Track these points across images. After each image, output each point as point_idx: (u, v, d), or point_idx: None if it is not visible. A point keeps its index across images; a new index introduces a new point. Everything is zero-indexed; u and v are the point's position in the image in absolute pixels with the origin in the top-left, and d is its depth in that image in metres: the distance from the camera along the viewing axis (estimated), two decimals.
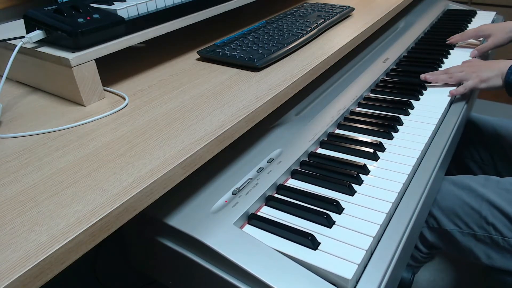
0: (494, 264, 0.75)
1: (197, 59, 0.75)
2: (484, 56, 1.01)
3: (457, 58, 1.00)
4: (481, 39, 1.06)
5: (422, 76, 0.87)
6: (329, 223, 0.52)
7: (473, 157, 0.98)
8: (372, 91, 0.87)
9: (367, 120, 0.74)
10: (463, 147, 1.00)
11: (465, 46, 1.08)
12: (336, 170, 0.61)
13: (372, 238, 0.49)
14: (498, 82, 0.78)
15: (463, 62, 0.91)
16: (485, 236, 0.73)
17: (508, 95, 0.78)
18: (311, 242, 0.48)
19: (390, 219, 0.54)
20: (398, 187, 0.58)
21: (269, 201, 0.56)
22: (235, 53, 0.70)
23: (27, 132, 0.52)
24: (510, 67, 0.77)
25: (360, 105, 0.81)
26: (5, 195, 0.41)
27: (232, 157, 0.62)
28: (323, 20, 0.87)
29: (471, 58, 0.97)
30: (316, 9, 0.96)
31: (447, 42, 1.06)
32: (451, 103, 0.82)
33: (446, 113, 0.79)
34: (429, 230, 0.81)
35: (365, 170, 0.61)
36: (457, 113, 0.79)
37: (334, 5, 0.98)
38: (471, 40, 1.07)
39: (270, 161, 0.62)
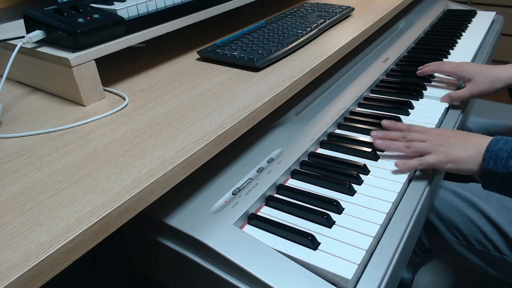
0: (490, 274, 0.75)
1: (197, 59, 0.75)
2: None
3: (457, 58, 1.00)
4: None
5: (373, 134, 0.68)
6: (329, 223, 0.52)
7: None
8: (372, 91, 0.87)
9: (367, 120, 0.74)
10: None
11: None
12: (336, 170, 0.61)
13: (372, 238, 0.49)
14: (472, 166, 0.58)
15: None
16: (483, 251, 0.73)
17: (483, 187, 0.60)
18: (311, 242, 0.48)
19: (390, 219, 0.54)
20: (398, 187, 0.58)
21: (269, 201, 0.56)
22: (235, 53, 0.70)
23: (27, 132, 0.52)
24: (488, 149, 0.57)
25: (360, 105, 0.81)
26: (5, 195, 0.41)
27: (232, 157, 0.62)
28: (323, 20, 0.87)
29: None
30: (316, 9, 0.96)
31: (418, 72, 0.87)
32: (451, 104, 0.82)
33: (446, 113, 0.79)
34: (427, 237, 0.81)
35: (365, 170, 0.61)
36: (457, 113, 0.79)
37: (334, 5, 0.98)
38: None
39: (270, 161, 0.62)
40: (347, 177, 0.60)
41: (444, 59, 0.99)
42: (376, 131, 0.68)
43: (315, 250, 0.48)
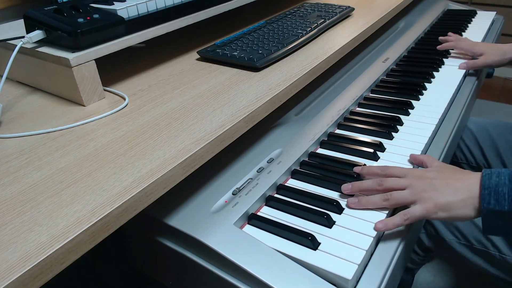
0: (488, 273, 0.75)
1: (197, 59, 0.75)
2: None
3: (458, 58, 1.00)
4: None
5: (343, 187, 0.57)
6: (329, 223, 0.52)
7: (468, 162, 0.97)
8: (372, 91, 0.87)
9: (367, 120, 0.74)
10: (459, 151, 0.99)
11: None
12: (336, 170, 0.61)
13: (372, 238, 0.49)
14: (467, 211, 0.50)
15: (411, 156, 0.62)
16: (483, 250, 0.73)
17: (484, 232, 0.50)
18: (311, 242, 0.48)
19: None
20: None
21: (269, 201, 0.56)
22: (235, 53, 0.70)
23: (27, 132, 0.52)
24: (483, 186, 0.49)
25: (360, 105, 0.81)
26: (5, 195, 0.41)
27: (232, 157, 0.62)
28: (323, 20, 0.87)
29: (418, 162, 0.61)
30: (316, 9, 0.96)
31: (439, 47, 1.01)
32: (451, 103, 0.82)
33: (447, 113, 0.79)
34: (427, 236, 0.81)
35: None
36: (457, 113, 0.79)
37: (334, 5, 0.98)
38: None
39: (270, 161, 0.62)
40: (347, 177, 0.60)
41: (444, 59, 0.99)
42: (347, 184, 0.56)
43: (315, 250, 0.48)
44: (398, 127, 0.73)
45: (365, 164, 0.62)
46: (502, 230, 0.49)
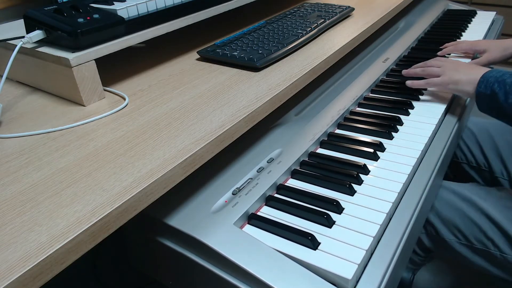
0: (489, 273, 0.75)
1: (197, 59, 0.75)
2: None
3: (458, 58, 1.00)
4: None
5: (404, 72, 0.85)
6: (329, 223, 0.52)
7: (469, 162, 0.96)
8: (372, 91, 0.87)
9: (367, 120, 0.74)
10: (459, 151, 0.99)
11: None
12: (336, 170, 0.61)
13: (372, 238, 0.49)
14: (469, 89, 0.72)
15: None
16: (483, 249, 0.73)
17: (478, 108, 0.70)
18: (311, 242, 0.48)
19: (390, 219, 0.54)
20: (398, 187, 0.58)
21: (269, 201, 0.56)
22: (235, 53, 0.70)
23: (27, 132, 0.52)
24: (482, 75, 0.69)
25: (360, 105, 0.81)
26: (5, 195, 0.41)
27: (232, 157, 0.62)
28: (323, 20, 0.87)
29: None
30: (316, 9, 0.96)
31: (439, 53, 1.01)
32: (451, 103, 0.82)
33: (446, 113, 0.79)
34: (427, 237, 0.81)
35: (365, 170, 0.61)
36: (458, 113, 0.79)
37: (334, 5, 0.98)
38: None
39: (270, 161, 0.62)
40: (347, 177, 0.60)
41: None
42: (407, 70, 0.85)
43: (315, 250, 0.48)
44: (398, 127, 0.73)
45: (365, 164, 0.62)
46: (485, 107, 0.69)
